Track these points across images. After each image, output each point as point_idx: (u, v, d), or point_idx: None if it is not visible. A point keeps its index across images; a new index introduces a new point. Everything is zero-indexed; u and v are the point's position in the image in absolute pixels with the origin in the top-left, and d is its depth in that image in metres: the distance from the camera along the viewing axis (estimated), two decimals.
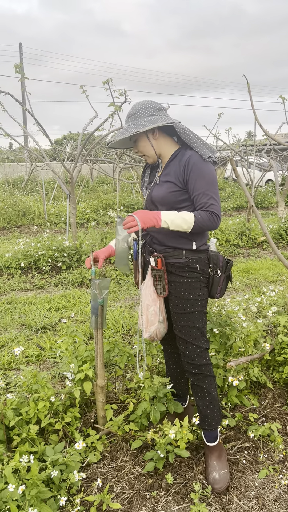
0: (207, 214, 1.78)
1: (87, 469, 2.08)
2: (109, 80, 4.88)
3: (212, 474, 1.96)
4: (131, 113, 1.88)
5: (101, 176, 18.64)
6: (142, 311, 2.05)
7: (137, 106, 1.88)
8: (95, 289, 2.06)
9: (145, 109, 1.86)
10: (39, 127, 5.36)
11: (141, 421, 2.24)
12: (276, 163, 13.22)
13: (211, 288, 1.99)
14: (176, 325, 2.01)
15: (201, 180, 1.80)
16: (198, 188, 1.80)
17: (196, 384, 2.03)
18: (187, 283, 1.93)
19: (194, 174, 1.80)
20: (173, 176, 1.88)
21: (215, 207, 1.79)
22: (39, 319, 3.98)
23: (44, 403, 2.11)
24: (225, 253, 6.80)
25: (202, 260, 1.94)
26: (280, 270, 5.64)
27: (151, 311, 2.02)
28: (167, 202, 1.88)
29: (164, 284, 1.95)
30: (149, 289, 2.02)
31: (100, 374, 2.20)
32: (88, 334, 3.60)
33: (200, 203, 1.80)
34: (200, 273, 1.94)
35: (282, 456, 2.16)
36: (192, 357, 1.99)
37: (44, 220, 9.84)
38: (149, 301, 2.01)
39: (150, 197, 1.98)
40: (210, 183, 1.81)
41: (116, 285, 5.12)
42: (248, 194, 2.82)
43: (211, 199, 1.79)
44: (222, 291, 2.02)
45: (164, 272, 1.93)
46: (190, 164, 1.81)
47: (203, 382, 2.02)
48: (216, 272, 1.96)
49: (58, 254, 5.78)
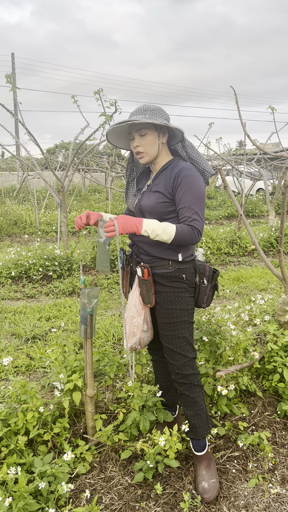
0: (189, 229, 1.78)
1: (76, 480, 2.06)
2: (100, 90, 4.92)
3: (201, 484, 1.96)
4: (148, 108, 1.86)
5: (93, 185, 18.68)
6: (125, 322, 2.05)
7: (153, 106, 1.88)
8: (84, 298, 2.06)
9: (161, 112, 1.88)
10: (31, 137, 5.38)
11: (130, 431, 2.23)
12: (266, 172, 13.36)
13: (198, 297, 2.00)
14: (163, 335, 2.01)
15: (189, 194, 1.81)
16: (184, 201, 1.81)
17: (184, 394, 2.03)
18: (173, 293, 1.94)
19: (183, 186, 1.81)
20: (163, 186, 1.89)
21: (198, 223, 1.79)
22: (29, 328, 3.95)
23: (33, 413, 2.09)
24: (216, 261, 6.83)
25: (188, 270, 1.95)
26: (270, 279, 5.68)
27: (134, 322, 2.02)
28: (156, 212, 1.89)
29: (151, 294, 1.95)
30: (135, 299, 2.02)
31: (89, 384, 2.19)
32: (79, 344, 3.59)
33: (184, 216, 1.81)
34: (186, 283, 1.95)
35: (271, 465, 2.16)
36: (179, 367, 1.99)
37: (35, 229, 9.82)
38: (133, 312, 2.01)
39: (138, 206, 1.98)
40: (197, 198, 1.81)
41: (107, 294, 5.11)
42: (237, 203, 2.85)
43: (195, 214, 1.80)
44: (208, 301, 2.03)
45: (150, 282, 1.94)
46: (180, 176, 1.83)
47: (191, 391, 2.02)
48: (202, 282, 1.97)
49: (49, 263, 5.77)
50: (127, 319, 2.04)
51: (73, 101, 5.49)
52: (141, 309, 2.00)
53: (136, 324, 2.01)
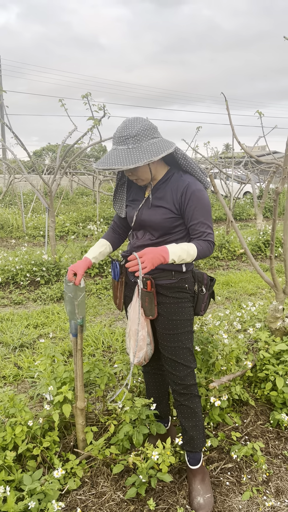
0: (206, 244, 1.79)
1: (67, 497, 2.00)
2: (88, 94, 4.87)
3: (196, 499, 1.91)
4: (130, 134, 1.67)
5: (81, 188, 18.58)
6: (130, 336, 2.00)
7: (137, 127, 1.68)
8: (70, 292, 1.97)
9: (146, 131, 1.69)
10: (18, 141, 5.30)
11: (123, 444, 2.18)
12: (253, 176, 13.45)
13: (196, 305, 1.98)
14: (165, 346, 1.96)
15: (200, 210, 1.79)
16: (196, 217, 1.79)
17: (184, 404, 1.99)
18: (176, 304, 1.91)
19: (193, 202, 1.78)
20: (169, 201, 1.82)
21: (212, 236, 1.82)
22: (17, 336, 3.87)
23: (22, 427, 2.03)
24: (205, 266, 6.82)
25: (189, 280, 1.93)
26: (259, 283, 5.68)
27: (140, 336, 1.95)
28: (162, 228, 1.85)
29: (153, 306, 1.90)
30: (137, 312, 1.94)
31: (79, 396, 2.14)
32: (68, 352, 3.52)
33: (199, 232, 1.80)
34: (188, 293, 1.93)
35: (265, 476, 2.13)
36: (182, 378, 1.95)
37: (22, 233, 9.70)
38: (137, 325, 1.95)
39: (140, 220, 1.90)
40: (207, 212, 1.81)
41: (96, 300, 5.06)
42: (228, 210, 2.83)
43: (208, 228, 1.81)
44: (205, 308, 2.02)
45: (154, 294, 1.89)
46: (188, 192, 1.78)
47: (191, 402, 1.98)
48: (201, 290, 1.96)
49: (36, 268, 5.68)
50: (131, 333, 1.98)
51: (60, 105, 5.44)
52: (143, 322, 1.95)
53: (142, 337, 1.96)
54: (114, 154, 1.68)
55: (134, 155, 1.64)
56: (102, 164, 1.67)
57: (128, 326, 2.01)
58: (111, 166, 1.63)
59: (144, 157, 1.63)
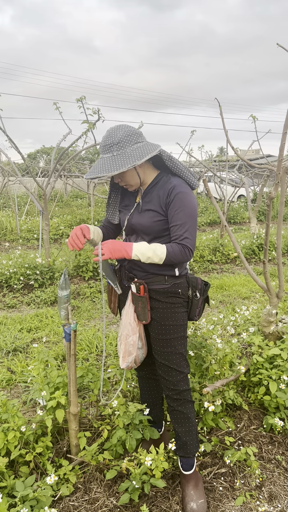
0: (179, 248, 1.76)
1: (59, 503, 1.99)
2: (83, 98, 4.87)
3: (189, 505, 1.91)
4: (114, 142, 1.71)
5: (75, 190, 18.56)
6: (121, 340, 1.99)
7: (119, 134, 1.72)
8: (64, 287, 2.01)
9: (129, 137, 1.72)
10: (12, 144, 5.29)
11: (116, 449, 2.17)
12: (247, 179, 13.51)
13: (190, 311, 1.98)
14: (159, 351, 1.96)
15: (181, 212, 1.77)
16: (177, 219, 1.77)
17: (177, 410, 1.99)
18: (170, 309, 1.90)
19: (176, 204, 1.77)
20: (156, 204, 1.83)
21: (189, 241, 1.77)
22: (10, 340, 3.85)
23: (14, 433, 2.02)
24: (199, 269, 6.83)
25: (183, 285, 1.93)
26: (253, 287, 5.70)
27: (130, 341, 1.96)
28: (152, 232, 1.85)
29: (146, 311, 1.90)
30: (129, 316, 1.95)
31: (73, 402, 2.13)
32: (61, 356, 3.51)
33: (176, 234, 1.78)
34: (182, 298, 1.93)
35: (258, 481, 2.13)
36: (175, 383, 1.95)
37: (16, 236, 9.67)
38: (128, 330, 1.95)
39: (130, 225, 1.91)
40: (189, 216, 1.78)
41: (90, 303, 5.04)
42: (221, 214, 2.83)
43: (186, 232, 1.77)
44: (200, 314, 2.02)
45: (147, 298, 1.89)
46: (173, 193, 1.78)
47: (184, 407, 1.98)
48: (195, 295, 1.95)
49: (30, 271, 5.66)
50: (122, 338, 1.98)
51: (55, 108, 5.43)
52: (135, 327, 1.95)
53: (131, 342, 1.96)
54: (100, 162, 1.72)
55: (118, 161, 1.68)
56: (90, 174, 1.71)
57: (120, 330, 2.01)
58: (97, 174, 1.68)
59: (127, 162, 1.67)
